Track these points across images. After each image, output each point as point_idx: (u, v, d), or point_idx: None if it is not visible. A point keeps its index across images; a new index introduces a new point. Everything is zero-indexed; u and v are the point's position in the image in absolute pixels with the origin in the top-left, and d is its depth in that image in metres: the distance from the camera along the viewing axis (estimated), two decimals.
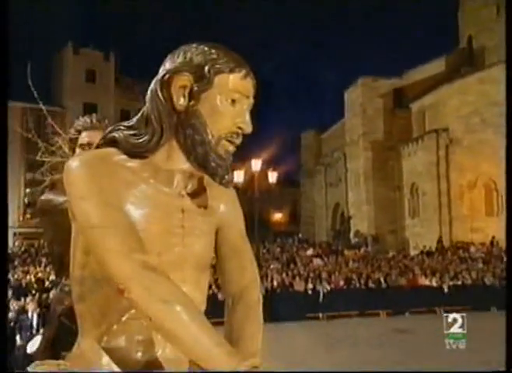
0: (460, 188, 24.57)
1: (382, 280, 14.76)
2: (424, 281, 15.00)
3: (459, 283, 15.09)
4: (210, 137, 1.12)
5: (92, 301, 1.12)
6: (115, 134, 1.16)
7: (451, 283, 14.94)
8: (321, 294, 13.55)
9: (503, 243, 20.95)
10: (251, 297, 1.33)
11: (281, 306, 12.96)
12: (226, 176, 1.17)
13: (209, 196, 1.28)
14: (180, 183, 1.19)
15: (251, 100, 1.19)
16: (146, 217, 1.12)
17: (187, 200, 1.21)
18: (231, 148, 1.18)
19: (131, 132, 1.15)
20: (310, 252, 20.01)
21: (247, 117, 1.17)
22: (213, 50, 1.14)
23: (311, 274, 14.57)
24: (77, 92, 32.73)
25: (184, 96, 1.12)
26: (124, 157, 1.13)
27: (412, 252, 22.96)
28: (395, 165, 29.04)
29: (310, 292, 13.69)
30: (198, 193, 1.24)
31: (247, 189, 18.70)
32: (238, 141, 1.18)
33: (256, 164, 17.28)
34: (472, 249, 21.24)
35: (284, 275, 14.39)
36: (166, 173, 1.16)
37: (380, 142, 30.04)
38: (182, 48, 1.17)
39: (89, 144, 2.01)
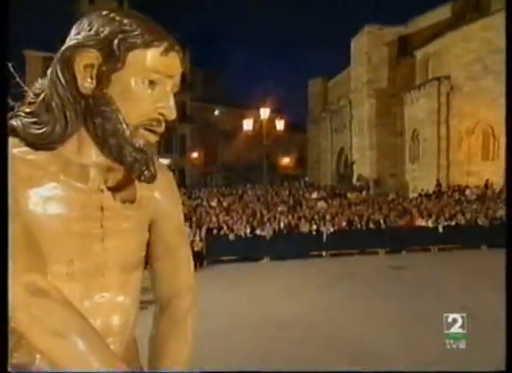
0: (459, 134, 24.28)
1: (381, 221, 14.93)
2: (420, 222, 15.17)
3: (453, 223, 15.22)
4: (124, 126, 0.89)
5: None
6: (13, 122, 0.90)
7: (446, 223, 15.09)
8: (325, 235, 13.79)
9: (496, 186, 21.05)
10: (180, 305, 1.16)
11: (287, 246, 13.30)
12: (146, 172, 0.95)
13: (139, 186, 1.03)
14: (97, 177, 0.96)
15: (177, 80, 0.95)
16: (56, 219, 0.89)
17: (108, 196, 0.97)
18: (152, 138, 0.95)
19: (32, 120, 0.90)
20: (315, 195, 20.12)
21: (171, 101, 0.93)
22: (126, 20, 0.88)
23: (316, 216, 14.73)
24: None
25: (91, 77, 0.87)
26: (25, 149, 0.88)
27: (411, 195, 23.05)
28: (398, 112, 28.61)
29: (314, 233, 13.91)
30: (122, 185, 1.00)
31: (256, 137, 18.72)
32: (160, 129, 0.95)
33: (264, 112, 17.20)
34: (467, 191, 21.26)
35: (290, 217, 14.57)
36: (79, 167, 0.93)
37: (384, 90, 29.48)
38: (88, 16, 0.91)
39: None
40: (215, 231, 13.34)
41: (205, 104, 41.49)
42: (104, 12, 0.90)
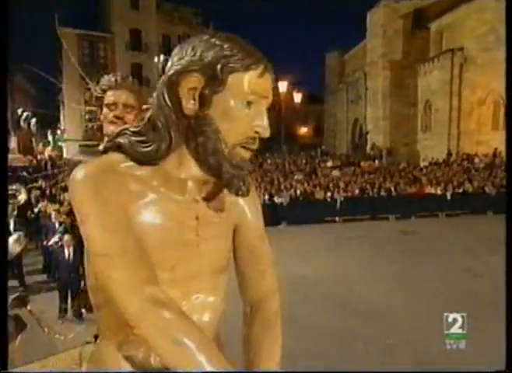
0: (470, 104, 23.57)
1: (392, 189, 14.82)
2: (430, 190, 15.00)
3: (461, 191, 15.03)
4: (223, 145, 0.89)
5: (107, 311, 0.97)
6: (121, 140, 0.93)
7: (454, 191, 14.91)
8: (338, 202, 13.78)
9: (504, 154, 20.55)
10: (270, 308, 1.16)
11: (303, 212, 13.37)
12: (243, 187, 0.96)
13: (227, 196, 1.05)
14: (194, 189, 0.97)
15: (270, 99, 0.95)
16: (159, 229, 0.91)
17: (202, 206, 0.99)
18: (247, 155, 0.94)
19: (138, 138, 0.92)
20: (330, 163, 20.02)
21: (265, 121, 0.92)
22: (226, 45, 0.88)
23: (330, 184, 14.70)
24: (123, 18, 31.63)
25: (194, 100, 0.88)
26: (131, 164, 0.91)
27: (422, 164, 22.71)
28: (411, 84, 27.80)
29: (328, 200, 13.91)
30: (213, 196, 1.02)
31: (274, 109, 18.58)
32: (255, 146, 0.94)
33: (282, 86, 17.01)
34: (476, 160, 20.84)
35: (306, 185, 14.58)
36: (178, 181, 0.95)
37: (399, 62, 28.59)
38: (191, 41, 0.91)
39: (115, 104, 1.83)
40: None
41: None
42: (205, 37, 0.90)
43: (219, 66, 0.86)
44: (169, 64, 0.92)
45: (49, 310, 5.99)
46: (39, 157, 28.49)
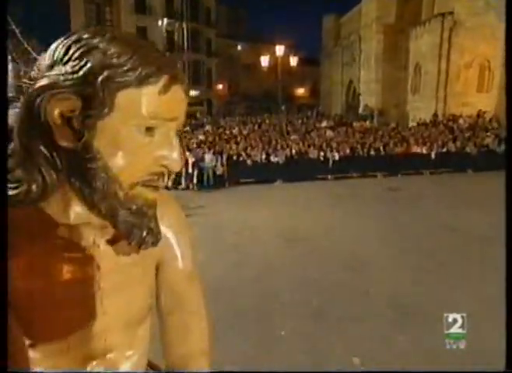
0: (457, 68, 22.95)
1: (381, 148, 14.71)
2: (416, 149, 14.87)
3: (444, 150, 14.92)
4: (117, 185, 0.61)
5: None
6: None
7: (438, 150, 14.80)
8: (331, 161, 13.70)
9: (488, 115, 20.37)
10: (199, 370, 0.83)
11: (297, 170, 13.32)
12: (147, 237, 0.67)
13: None
14: (90, 233, 0.68)
15: (181, 119, 0.65)
16: (46, 291, 0.65)
17: (105, 251, 0.70)
18: (152, 195, 0.66)
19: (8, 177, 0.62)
20: (324, 124, 19.78)
21: (176, 151, 0.63)
22: (112, 49, 0.58)
23: (323, 144, 14.56)
24: None
25: (70, 127, 0.58)
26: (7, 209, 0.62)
27: (410, 124, 22.45)
28: (404, 47, 27.02)
29: (321, 159, 13.82)
30: (119, 236, 0.69)
31: (272, 71, 18.15)
32: (162, 183, 0.66)
33: (280, 49, 16.51)
34: (461, 120, 20.56)
35: (301, 145, 14.45)
36: (66, 227, 0.66)
37: (392, 26, 27.66)
38: (66, 38, 0.60)
39: None
40: (235, 158, 13.38)
41: (229, 40, 39.87)
42: (85, 35, 0.59)
43: (99, 80, 0.57)
44: (42, 61, 0.61)
45: None
46: None
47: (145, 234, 0.67)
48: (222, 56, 37.73)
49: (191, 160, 12.44)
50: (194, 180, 12.42)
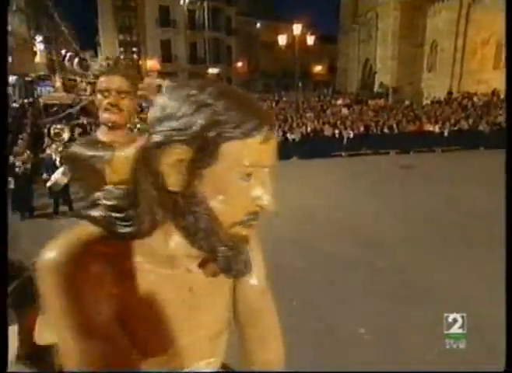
0: (474, 44, 22.02)
1: (395, 126, 14.41)
2: (429, 127, 14.50)
3: (457, 128, 14.52)
4: (218, 226, 0.65)
5: None
6: (95, 214, 0.69)
7: (451, 128, 14.41)
8: (345, 138, 13.51)
9: (501, 93, 19.57)
10: None
11: (312, 147, 13.20)
12: (244, 269, 0.74)
13: None
14: (185, 261, 0.72)
15: (274, 163, 0.67)
16: (146, 312, 0.70)
17: (196, 275, 0.75)
18: (247, 232, 0.69)
19: (116, 215, 0.68)
20: (340, 101, 19.36)
21: (270, 192, 0.66)
22: (220, 105, 0.60)
23: (338, 122, 14.34)
24: None
25: (180, 174, 0.63)
26: (110, 241, 0.67)
27: (424, 102, 21.81)
28: (420, 24, 25.94)
29: (336, 136, 13.63)
30: (208, 262, 0.74)
31: (290, 50, 17.77)
32: (256, 222, 0.68)
33: (297, 28, 16.06)
34: (475, 98, 19.86)
35: (316, 122, 14.26)
36: (165, 257, 0.71)
37: (409, 2, 26.41)
38: (174, 94, 0.63)
39: (107, 90, 1.60)
40: None
41: (248, 18, 38.91)
42: (193, 91, 0.62)
43: (210, 135, 0.60)
44: (151, 114, 0.64)
45: None
46: (81, 93, 28.23)
47: (241, 267, 0.72)
48: (241, 34, 36.99)
49: None
50: None
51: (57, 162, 8.23)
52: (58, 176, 2.68)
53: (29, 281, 2.10)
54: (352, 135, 13.54)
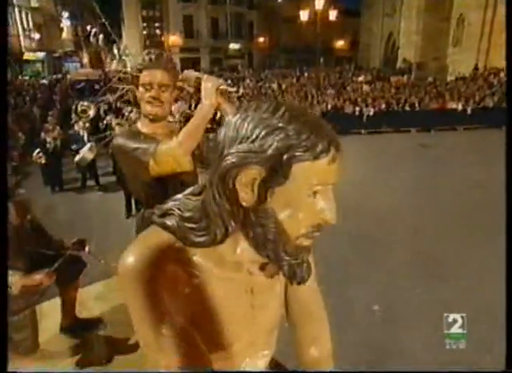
0: (503, 18, 20.79)
1: (417, 104, 13.95)
2: (451, 105, 13.97)
3: (481, 106, 13.93)
4: (285, 238, 0.69)
5: None
6: (169, 223, 0.74)
7: (475, 106, 13.84)
8: (365, 116, 13.19)
9: None
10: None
11: (332, 124, 12.95)
12: (305, 275, 0.80)
13: None
14: (249, 266, 0.79)
15: (338, 180, 0.72)
16: (213, 312, 0.76)
17: (257, 277, 0.81)
18: (309, 243, 0.73)
19: (190, 225, 0.72)
20: (361, 78, 18.77)
21: (334, 207, 0.70)
22: (292, 129, 0.64)
23: (359, 99, 13.97)
24: None
25: (253, 191, 0.66)
26: (182, 247, 0.73)
27: (449, 78, 20.94)
28: None
29: (356, 113, 13.29)
30: (267, 264, 0.81)
31: (311, 25, 17.22)
32: (317, 234, 0.72)
33: (319, 3, 15.49)
34: (502, 74, 18.93)
35: (336, 100, 13.94)
36: (232, 263, 0.77)
37: None
38: (248, 117, 0.66)
39: (150, 84, 1.64)
40: None
41: None
42: (265, 114, 0.65)
43: (285, 157, 0.64)
44: (220, 136, 0.68)
45: (120, 209, 6.41)
46: (107, 70, 28.39)
47: (304, 274, 0.80)
48: (263, 9, 36.00)
49: None
50: None
51: (85, 138, 8.42)
52: (85, 152, 2.75)
53: (72, 259, 2.21)
54: (372, 112, 13.21)
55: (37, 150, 8.19)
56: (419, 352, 3.19)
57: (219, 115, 1.61)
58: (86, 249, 2.27)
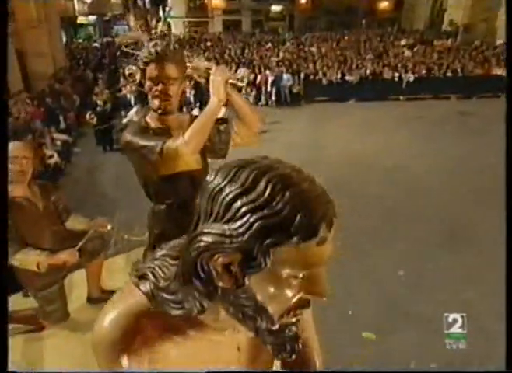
0: None
1: (459, 69, 12.95)
2: (497, 71, 12.85)
3: None
4: (267, 316, 0.59)
5: None
6: (143, 288, 0.64)
7: None
8: (404, 82, 12.42)
9: None
10: None
11: (371, 90, 12.34)
12: (292, 350, 0.71)
13: None
14: (236, 326, 0.65)
15: (329, 260, 0.58)
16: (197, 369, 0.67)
17: (244, 334, 0.69)
18: (294, 319, 0.62)
19: (165, 296, 0.63)
20: (403, 42, 17.50)
21: (324, 284, 0.58)
22: (276, 207, 0.51)
23: (399, 64, 13.14)
24: None
25: (228, 276, 0.56)
26: (160, 312, 0.63)
27: (498, 42, 19.13)
28: None
29: (396, 79, 12.52)
30: None
31: None
32: (308, 308, 0.61)
33: None
34: None
35: (376, 65, 13.17)
36: (215, 331, 0.67)
37: None
38: (227, 193, 0.53)
39: (158, 78, 1.53)
40: (311, 77, 12.69)
41: None
42: (244, 187, 0.52)
43: (263, 243, 0.52)
44: (197, 201, 0.58)
45: None
46: (152, 32, 28.15)
47: (289, 349, 0.70)
48: None
49: (270, 79, 12.11)
50: (273, 98, 12.19)
51: (132, 102, 8.60)
52: (132, 114, 2.81)
53: (96, 237, 2.30)
54: (412, 78, 12.41)
55: (90, 112, 8.50)
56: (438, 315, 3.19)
57: (223, 112, 1.55)
58: (109, 226, 2.31)
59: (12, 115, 7.78)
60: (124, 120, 7.39)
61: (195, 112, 7.39)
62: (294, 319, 0.62)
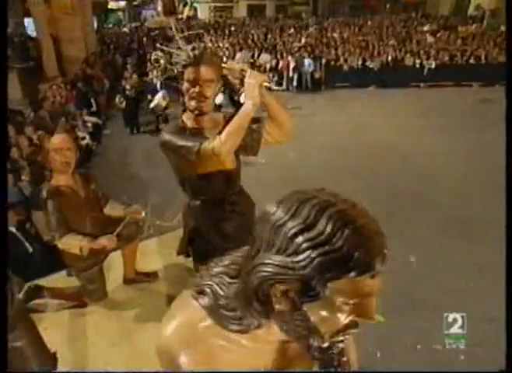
0: None
1: (483, 56, 12.35)
2: None
3: None
4: (318, 335, 0.61)
5: None
6: (203, 302, 0.68)
7: None
8: (426, 68, 11.99)
9: None
10: None
11: (391, 76, 11.98)
12: (342, 362, 0.72)
13: None
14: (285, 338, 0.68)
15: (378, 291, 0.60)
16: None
17: (292, 343, 0.71)
18: (342, 338, 0.63)
19: (224, 312, 0.66)
20: (426, 28, 16.72)
21: (373, 310, 0.59)
22: (337, 244, 0.53)
23: (421, 51, 12.62)
24: None
25: (287, 301, 0.59)
26: (211, 324, 0.67)
27: None
28: None
29: (417, 66, 12.11)
30: None
31: None
32: (357, 328, 0.61)
33: None
34: None
35: (397, 52, 12.70)
36: (267, 340, 0.69)
37: None
38: (290, 227, 0.55)
39: (195, 80, 1.54)
40: (332, 63, 12.38)
41: None
42: (307, 221, 0.55)
43: (323, 277, 0.54)
44: (257, 232, 0.60)
45: None
46: (179, 17, 27.63)
47: (335, 364, 0.71)
48: None
49: (292, 64, 11.90)
50: (294, 83, 12.00)
51: (158, 87, 8.61)
52: (159, 99, 2.82)
53: (131, 223, 2.38)
54: (433, 65, 11.96)
55: (118, 95, 8.60)
56: (447, 299, 3.16)
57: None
58: (143, 214, 2.40)
59: (48, 99, 7.96)
60: (152, 105, 7.44)
61: (219, 98, 7.32)
62: (343, 338, 0.63)
